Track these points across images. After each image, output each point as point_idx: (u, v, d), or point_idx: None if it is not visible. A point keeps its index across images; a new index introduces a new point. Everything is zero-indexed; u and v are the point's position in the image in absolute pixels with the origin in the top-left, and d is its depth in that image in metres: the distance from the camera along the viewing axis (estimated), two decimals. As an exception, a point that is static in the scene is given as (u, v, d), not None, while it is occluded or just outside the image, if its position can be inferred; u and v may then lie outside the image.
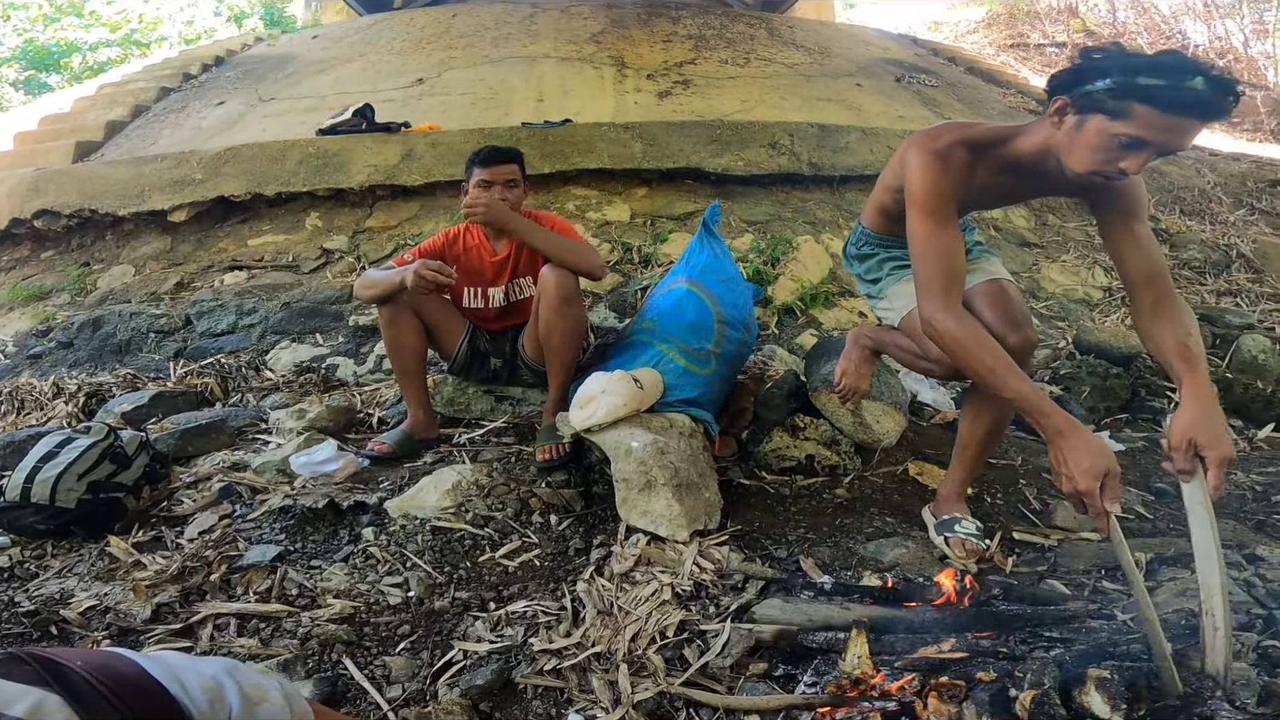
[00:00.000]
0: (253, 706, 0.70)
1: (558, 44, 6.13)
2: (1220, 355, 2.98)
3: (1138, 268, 1.39)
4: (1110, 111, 1.19)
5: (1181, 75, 1.13)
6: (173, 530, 1.81)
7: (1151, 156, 1.21)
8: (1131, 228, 1.40)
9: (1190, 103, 1.14)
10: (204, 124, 5.15)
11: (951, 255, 1.38)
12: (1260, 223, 4.55)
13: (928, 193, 1.39)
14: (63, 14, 13.35)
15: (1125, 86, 1.17)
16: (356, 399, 2.64)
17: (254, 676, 0.74)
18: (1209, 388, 1.25)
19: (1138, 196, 1.41)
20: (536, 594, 1.58)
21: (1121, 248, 1.41)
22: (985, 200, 1.58)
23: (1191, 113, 1.15)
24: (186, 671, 0.67)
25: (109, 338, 3.25)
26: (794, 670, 1.28)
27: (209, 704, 0.66)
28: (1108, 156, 1.22)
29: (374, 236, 3.70)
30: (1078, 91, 1.23)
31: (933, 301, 1.36)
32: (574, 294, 2.09)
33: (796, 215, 3.78)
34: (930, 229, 1.39)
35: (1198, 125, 1.18)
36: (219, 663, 0.73)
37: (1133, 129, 1.17)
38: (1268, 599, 1.37)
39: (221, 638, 1.42)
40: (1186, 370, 1.27)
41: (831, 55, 6.36)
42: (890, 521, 1.82)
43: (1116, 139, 1.20)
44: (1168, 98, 1.14)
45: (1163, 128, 1.16)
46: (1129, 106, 1.17)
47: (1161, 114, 1.15)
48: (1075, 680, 1.07)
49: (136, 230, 3.95)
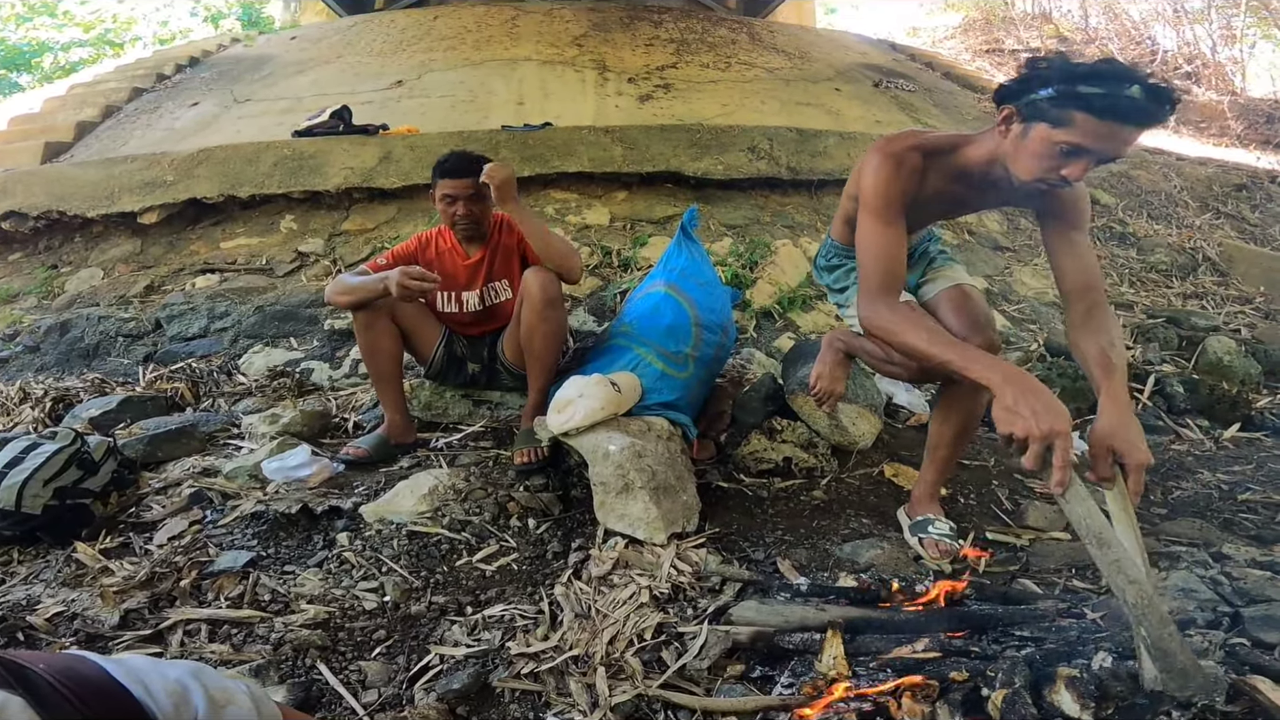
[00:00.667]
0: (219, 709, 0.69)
1: (539, 47, 6.12)
2: (1186, 357, 3.05)
3: (1074, 277, 1.43)
4: (1052, 120, 1.22)
5: (1119, 83, 1.17)
6: (141, 536, 1.77)
7: (1092, 163, 1.24)
8: (1071, 238, 1.44)
9: (1127, 110, 1.17)
10: (177, 125, 5.07)
11: (891, 256, 1.41)
12: (1226, 226, 4.67)
13: (876, 193, 1.42)
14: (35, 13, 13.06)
15: (1066, 95, 1.20)
16: (332, 404, 2.61)
17: (221, 679, 0.73)
18: (1125, 395, 1.27)
19: (1081, 209, 1.45)
20: (514, 598, 1.57)
21: (1061, 257, 1.45)
22: (940, 208, 1.60)
23: (1129, 119, 1.19)
24: (151, 674, 0.66)
25: (77, 341, 3.18)
26: (771, 671, 1.29)
27: (173, 707, 0.65)
28: (1051, 164, 1.25)
29: (350, 239, 3.66)
30: (1023, 100, 1.27)
31: (868, 297, 1.40)
32: (557, 297, 2.09)
33: (775, 219, 3.81)
34: (875, 228, 1.42)
35: (1135, 131, 1.21)
36: (185, 665, 0.72)
37: (1073, 136, 1.21)
38: (1234, 597, 1.40)
39: (192, 643, 1.40)
40: (1104, 378, 1.30)
41: (811, 60, 6.42)
42: (866, 523, 1.84)
43: (1058, 146, 1.23)
44: (1105, 105, 1.17)
45: (1101, 134, 1.19)
46: (1069, 115, 1.20)
47: (1099, 121, 1.18)
48: (1046, 679, 1.09)
49: (106, 232, 3.87)
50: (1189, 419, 2.56)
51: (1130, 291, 3.84)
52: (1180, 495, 2.02)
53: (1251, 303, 3.85)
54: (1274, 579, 1.45)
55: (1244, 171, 5.57)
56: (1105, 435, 1.19)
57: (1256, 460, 2.25)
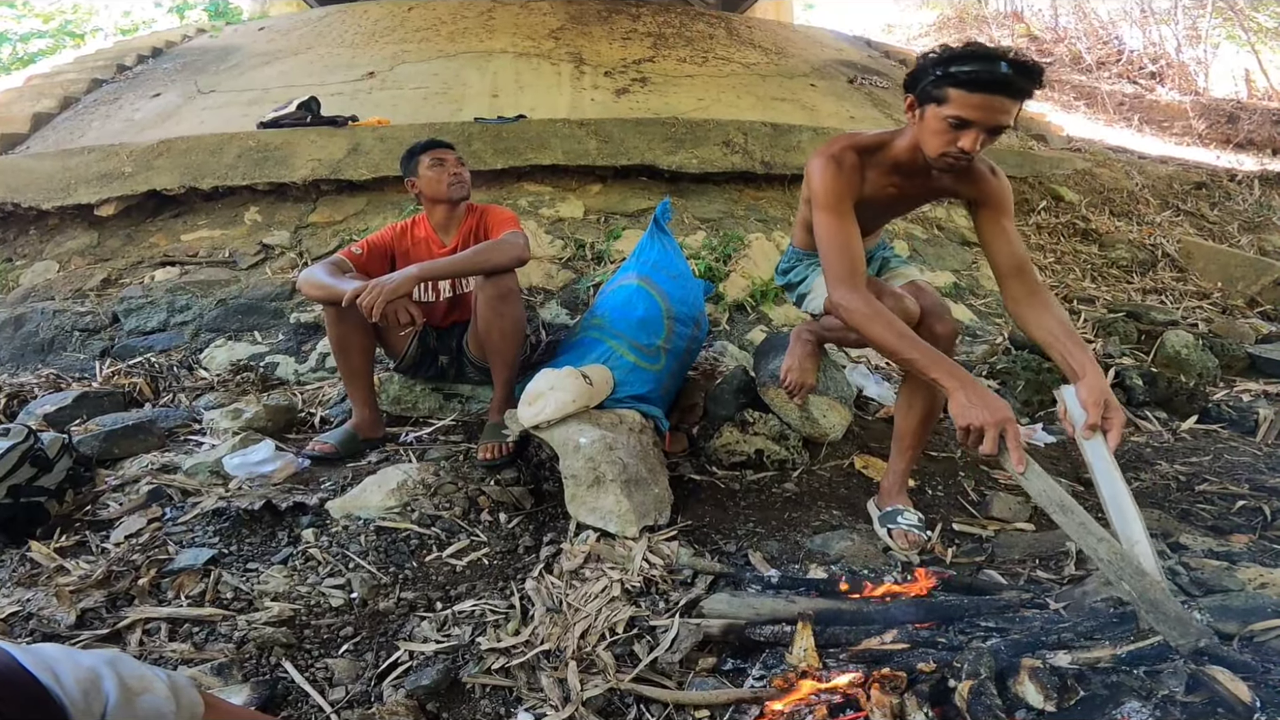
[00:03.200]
0: (133, 697, 0.70)
1: (515, 39, 6.06)
2: (1145, 350, 3.13)
3: (1007, 259, 1.59)
4: (936, 99, 1.40)
5: (983, 61, 1.35)
6: (98, 535, 1.72)
7: (983, 134, 1.39)
8: (1001, 223, 1.60)
9: (989, 82, 1.34)
10: (137, 116, 4.92)
11: (852, 246, 1.53)
12: (1185, 223, 4.80)
13: (827, 191, 1.55)
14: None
15: (943, 76, 1.38)
16: (297, 398, 2.56)
17: (138, 667, 0.73)
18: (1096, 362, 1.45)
19: (1006, 197, 1.61)
20: (485, 593, 1.56)
21: (993, 241, 1.61)
22: (885, 204, 1.70)
23: (998, 90, 1.35)
24: (62, 662, 0.67)
25: (31, 336, 3.07)
26: (743, 664, 1.30)
27: (82, 694, 0.66)
28: (946, 139, 1.41)
29: (317, 232, 3.59)
30: (918, 89, 1.45)
31: (840, 286, 1.50)
32: (509, 291, 2.04)
33: (749, 213, 3.82)
34: (832, 223, 1.54)
35: (1007, 101, 1.36)
36: (100, 654, 0.72)
37: (954, 109, 1.38)
38: (1191, 587, 1.43)
39: (152, 643, 1.37)
40: (1079, 349, 1.47)
41: (788, 56, 6.45)
42: (837, 514, 1.86)
43: (946, 121, 1.39)
44: (972, 79, 1.35)
45: (976, 105, 1.36)
46: (947, 92, 1.38)
47: (970, 94, 1.36)
48: (1011, 670, 1.10)
49: (61, 225, 3.75)
50: (1148, 411, 2.62)
51: (1092, 286, 3.93)
52: (1139, 486, 2.06)
53: (1209, 298, 3.96)
54: (1230, 569, 1.48)
55: (1204, 170, 5.73)
56: (1099, 391, 1.38)
57: (1213, 452, 2.31)
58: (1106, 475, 1.31)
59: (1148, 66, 9.43)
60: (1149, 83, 9.16)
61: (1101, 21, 10.35)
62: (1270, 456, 2.29)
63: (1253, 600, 1.32)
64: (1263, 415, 2.53)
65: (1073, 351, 1.47)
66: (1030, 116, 6.20)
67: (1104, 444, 1.35)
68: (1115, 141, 6.56)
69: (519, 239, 2.06)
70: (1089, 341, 3.26)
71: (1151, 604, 1.13)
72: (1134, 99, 8.53)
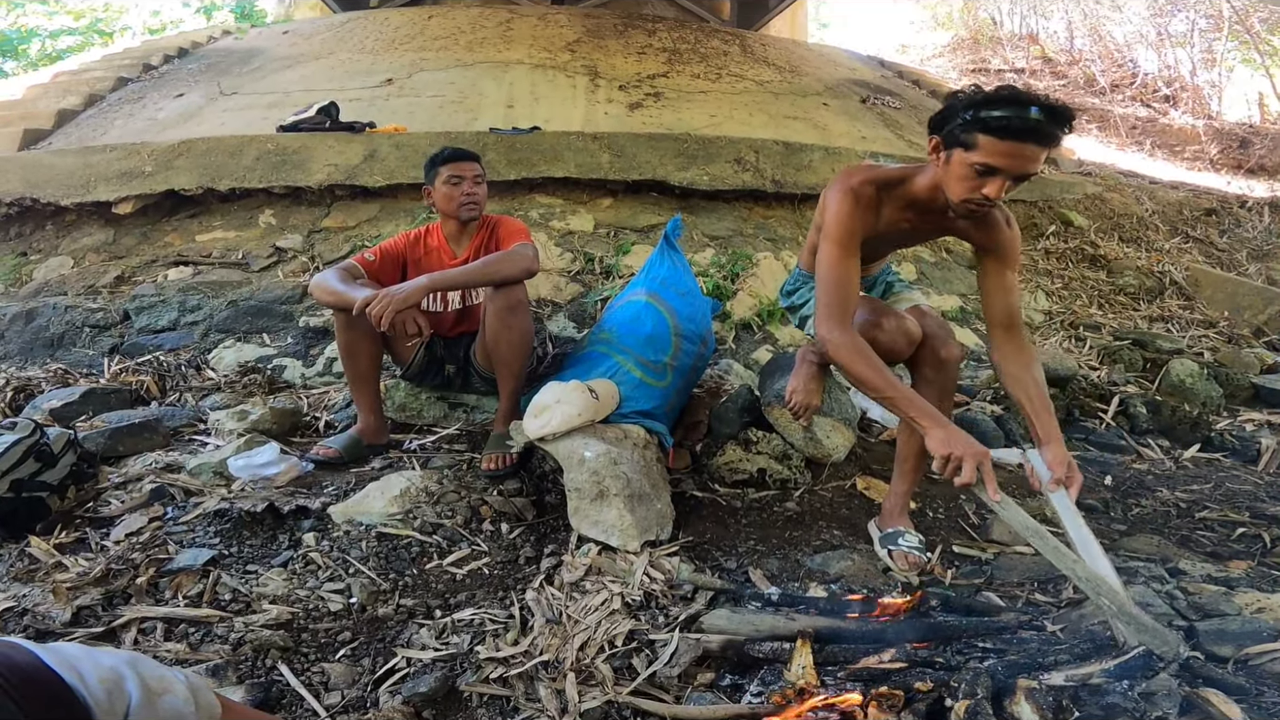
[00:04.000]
0: (155, 698, 0.69)
1: (532, 51, 6.13)
2: (1150, 379, 3.12)
3: (1002, 312, 1.61)
4: (964, 144, 1.37)
5: (1014, 107, 1.32)
6: (98, 532, 1.73)
7: (1007, 182, 1.37)
8: (1005, 275, 1.61)
9: (1020, 130, 1.31)
10: (160, 115, 4.99)
11: (848, 283, 1.55)
12: (1194, 250, 4.80)
13: (838, 224, 1.55)
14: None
15: (972, 121, 1.35)
16: (303, 402, 2.57)
17: (158, 668, 0.73)
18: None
19: (1015, 250, 1.61)
20: (485, 602, 1.56)
21: (993, 291, 1.62)
22: (897, 236, 1.71)
23: (1028, 138, 1.32)
24: (84, 661, 0.66)
25: (41, 331, 3.10)
26: (741, 680, 1.30)
27: (106, 694, 0.65)
28: (971, 185, 1.39)
29: (330, 236, 3.63)
30: (944, 130, 1.43)
31: (827, 321, 1.52)
32: (518, 303, 2.05)
33: (758, 231, 3.84)
34: (835, 257, 1.55)
35: (1036, 149, 1.34)
36: (120, 655, 0.72)
37: (981, 157, 1.35)
38: (1189, 611, 1.44)
39: (147, 642, 1.37)
40: (1048, 416, 1.54)
41: (801, 74, 6.50)
42: (838, 534, 1.86)
43: (973, 167, 1.37)
44: (1002, 126, 1.32)
45: (1004, 153, 1.33)
46: (975, 138, 1.35)
47: (1000, 141, 1.33)
48: (1007, 690, 1.10)
49: (79, 221, 3.80)
50: (1150, 439, 2.61)
51: (1099, 313, 3.93)
52: (1139, 512, 2.06)
53: (1215, 326, 3.95)
54: (1228, 594, 1.49)
55: (1214, 196, 5.73)
56: (1062, 457, 1.48)
57: (1215, 480, 2.30)
58: (1073, 522, 1.40)
59: (1162, 90, 9.45)
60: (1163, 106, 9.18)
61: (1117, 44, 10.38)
62: (1272, 485, 2.28)
63: (1249, 624, 1.32)
64: (1265, 445, 2.52)
65: (1043, 417, 1.53)
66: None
67: (1067, 496, 1.45)
68: (1127, 165, 6.57)
69: (529, 251, 2.08)
70: (1093, 369, 3.26)
71: (1130, 616, 1.20)
72: (1147, 122, 8.55)
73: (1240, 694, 1.07)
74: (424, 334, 1.91)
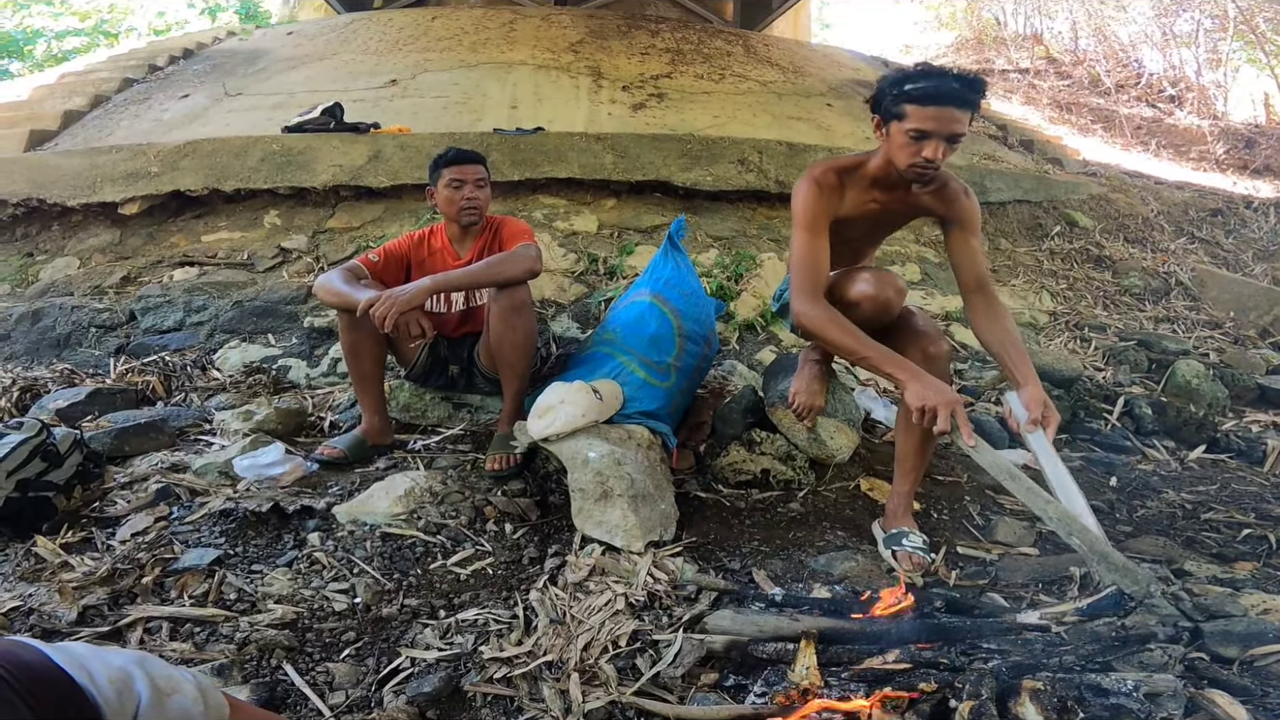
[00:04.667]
0: (164, 698, 0.70)
1: (535, 51, 6.13)
2: (1156, 380, 3.11)
3: (971, 276, 1.75)
4: (897, 116, 1.57)
5: (934, 78, 1.53)
6: (104, 532, 1.74)
7: (941, 143, 1.55)
8: (969, 242, 1.75)
9: (940, 95, 1.51)
10: (165, 116, 5.00)
11: (816, 261, 1.69)
12: (1199, 251, 4.77)
13: (804, 210, 1.71)
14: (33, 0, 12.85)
15: (899, 95, 1.56)
16: (308, 402, 2.58)
17: (166, 668, 0.73)
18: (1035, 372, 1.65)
19: (975, 218, 1.76)
20: (489, 602, 1.56)
21: (960, 258, 1.76)
22: (871, 220, 1.83)
23: (947, 102, 1.52)
24: (93, 661, 0.66)
25: (48, 331, 3.12)
26: (744, 681, 1.30)
27: (116, 693, 0.66)
28: (911, 150, 1.57)
29: (335, 237, 3.63)
30: (881, 109, 1.62)
31: (800, 297, 1.67)
32: (522, 304, 2.05)
33: (761, 232, 3.84)
34: (802, 239, 1.70)
35: (958, 112, 1.53)
36: (129, 654, 0.72)
37: (912, 124, 1.54)
38: (1194, 612, 1.43)
39: (152, 641, 1.38)
40: (1023, 360, 1.66)
41: (804, 75, 6.49)
42: (841, 535, 1.85)
43: (908, 134, 1.56)
44: (925, 94, 1.52)
45: (932, 117, 1.53)
46: (904, 108, 1.55)
47: (924, 107, 1.52)
48: (1011, 691, 1.10)
49: (85, 222, 3.81)
50: (1155, 440, 2.60)
51: (1104, 314, 3.92)
52: (1145, 513, 2.05)
53: (1221, 327, 3.93)
54: (1233, 595, 1.48)
55: (1220, 196, 5.70)
56: (1039, 396, 1.61)
57: (1220, 481, 2.29)
58: (1050, 461, 1.49)
59: (1167, 90, 9.40)
60: (1168, 106, 9.13)
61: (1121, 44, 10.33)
62: (1278, 486, 2.27)
63: (1254, 625, 1.32)
64: (1271, 446, 2.51)
65: (1017, 362, 1.66)
66: (1046, 140, 6.20)
67: (1045, 436, 1.55)
68: (1132, 166, 6.54)
69: (531, 251, 2.08)
70: (1098, 370, 3.25)
71: (1100, 555, 1.29)
72: (1152, 122, 8.51)
73: (1246, 695, 1.06)
74: (427, 335, 1.91)
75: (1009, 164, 5.34)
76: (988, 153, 5.49)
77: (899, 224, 1.95)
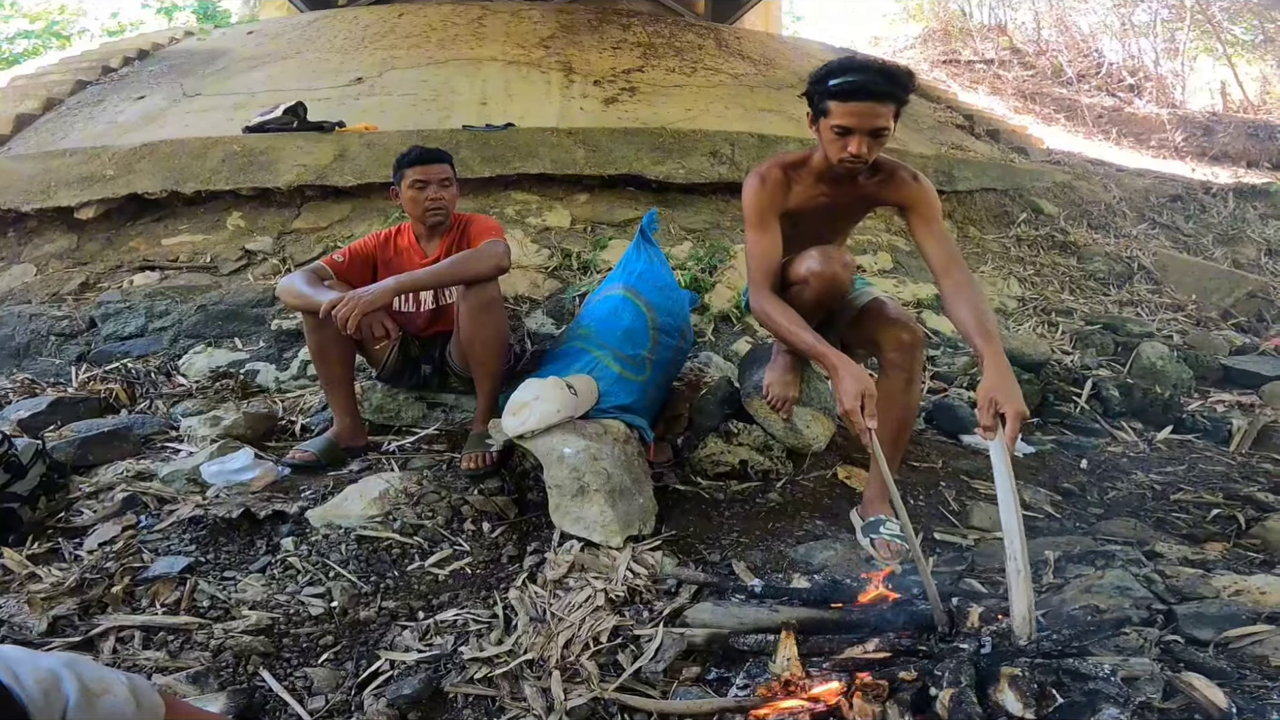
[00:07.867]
0: (94, 698, 0.71)
1: (505, 47, 6.07)
2: (1121, 362, 3.18)
3: (939, 258, 1.70)
4: (824, 112, 1.58)
5: (852, 73, 1.52)
6: (71, 542, 1.69)
7: (865, 138, 1.55)
8: (932, 227, 1.73)
9: (858, 90, 1.51)
10: (121, 119, 4.86)
11: (768, 255, 1.73)
12: (1160, 236, 4.89)
13: (752, 208, 1.75)
14: None
15: (823, 92, 1.56)
16: (278, 406, 2.53)
17: (99, 670, 0.74)
18: (1004, 358, 1.48)
19: (930, 201, 1.75)
20: (468, 602, 1.55)
21: (926, 243, 1.73)
22: (822, 213, 1.83)
23: (866, 98, 1.52)
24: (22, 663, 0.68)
25: (6, 340, 3.02)
26: (726, 673, 1.30)
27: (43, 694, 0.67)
28: (838, 145, 1.58)
29: (301, 238, 3.57)
30: (811, 106, 1.63)
31: (751, 289, 1.73)
32: (491, 301, 2.03)
33: (735, 224, 3.84)
34: (753, 236, 1.75)
35: (879, 107, 1.53)
36: (60, 656, 0.73)
37: (836, 120, 1.55)
38: (1167, 594, 1.46)
39: (125, 650, 1.35)
40: (985, 344, 1.51)
41: (776, 67, 6.51)
42: (820, 524, 1.87)
43: (834, 129, 1.57)
44: (844, 90, 1.52)
45: (852, 113, 1.53)
46: (828, 105, 1.56)
47: (845, 103, 1.53)
48: (990, 678, 1.11)
49: (40, 228, 3.69)
50: (1123, 422, 2.66)
51: (1070, 298, 3.99)
52: (1115, 495, 2.09)
53: (1183, 310, 4.03)
54: (1205, 577, 1.51)
55: (1179, 182, 5.84)
56: (989, 390, 1.41)
57: (1188, 461, 2.35)
58: (999, 474, 1.30)
59: (1126, 79, 9.61)
60: (1128, 95, 9.33)
61: (1083, 34, 10.53)
62: (1244, 466, 2.33)
63: (1227, 607, 1.34)
64: (1236, 425, 2.58)
65: (978, 345, 1.53)
66: (1011, 129, 6.30)
67: (1001, 445, 1.34)
68: (1094, 154, 6.68)
69: (499, 247, 2.05)
70: (1066, 353, 3.30)
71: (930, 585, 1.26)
72: (1113, 111, 8.69)
73: (1222, 677, 1.08)
74: (392, 336, 1.88)
75: (976, 153, 5.42)
76: (955, 142, 5.56)
77: (857, 215, 1.96)
